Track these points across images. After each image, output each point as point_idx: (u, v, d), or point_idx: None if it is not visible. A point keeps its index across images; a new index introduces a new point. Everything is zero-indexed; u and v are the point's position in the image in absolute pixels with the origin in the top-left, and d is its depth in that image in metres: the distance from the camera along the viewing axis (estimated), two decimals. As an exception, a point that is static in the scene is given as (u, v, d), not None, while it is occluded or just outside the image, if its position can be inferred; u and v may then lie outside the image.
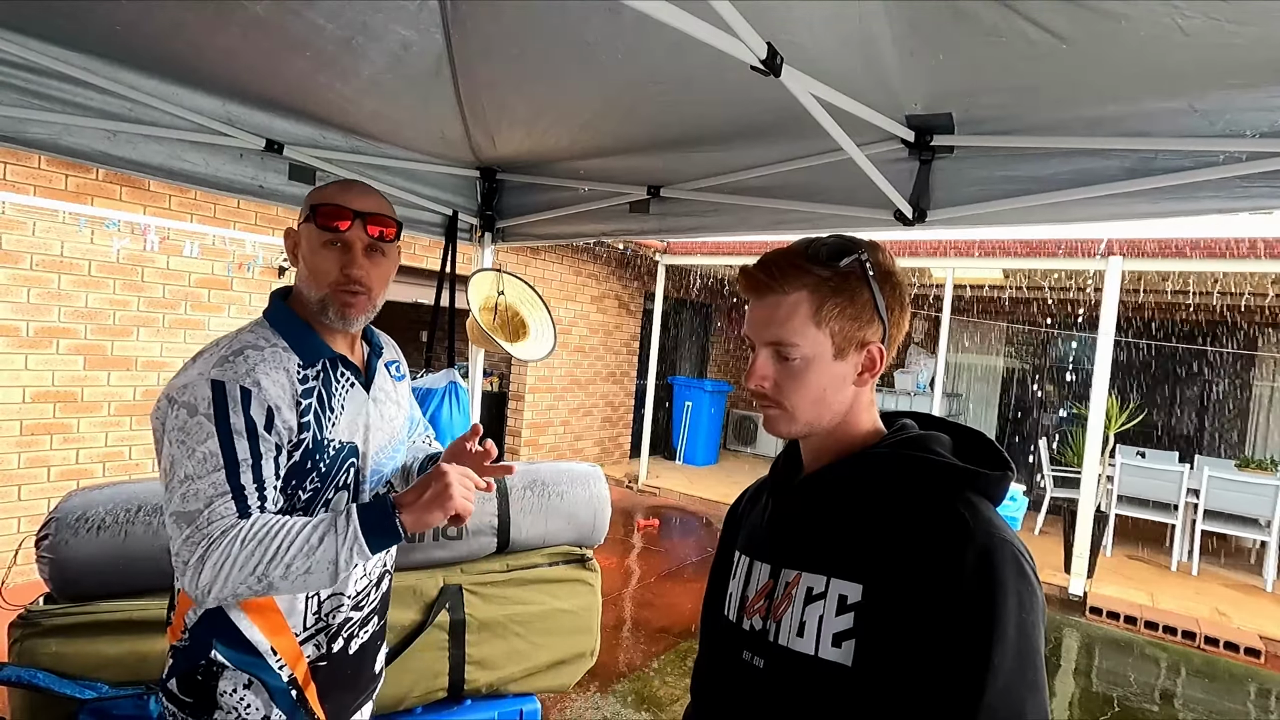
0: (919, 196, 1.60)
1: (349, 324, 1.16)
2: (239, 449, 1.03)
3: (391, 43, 1.40)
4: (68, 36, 1.43)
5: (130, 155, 1.68)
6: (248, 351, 1.08)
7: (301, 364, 1.13)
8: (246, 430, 1.03)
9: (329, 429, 1.14)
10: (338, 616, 1.22)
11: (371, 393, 1.24)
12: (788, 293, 0.82)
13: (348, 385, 1.19)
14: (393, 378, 1.34)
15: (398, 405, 1.33)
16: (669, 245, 7.62)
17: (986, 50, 1.14)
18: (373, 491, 1.27)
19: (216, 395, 1.03)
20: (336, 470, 1.17)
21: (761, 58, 1.02)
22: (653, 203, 2.12)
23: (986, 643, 0.69)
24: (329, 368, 1.16)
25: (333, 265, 1.13)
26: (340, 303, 1.14)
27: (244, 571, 0.99)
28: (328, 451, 1.14)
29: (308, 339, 1.15)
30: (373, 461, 1.24)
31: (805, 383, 0.83)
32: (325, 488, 1.16)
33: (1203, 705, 3.84)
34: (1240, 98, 1.17)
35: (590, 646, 2.11)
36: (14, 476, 3.78)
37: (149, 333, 4.22)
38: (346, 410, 1.18)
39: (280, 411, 1.07)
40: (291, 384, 1.10)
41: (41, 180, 3.71)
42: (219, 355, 1.08)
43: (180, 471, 1.02)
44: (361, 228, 1.13)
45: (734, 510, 1.07)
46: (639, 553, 5.74)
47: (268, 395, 1.05)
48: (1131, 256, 5.38)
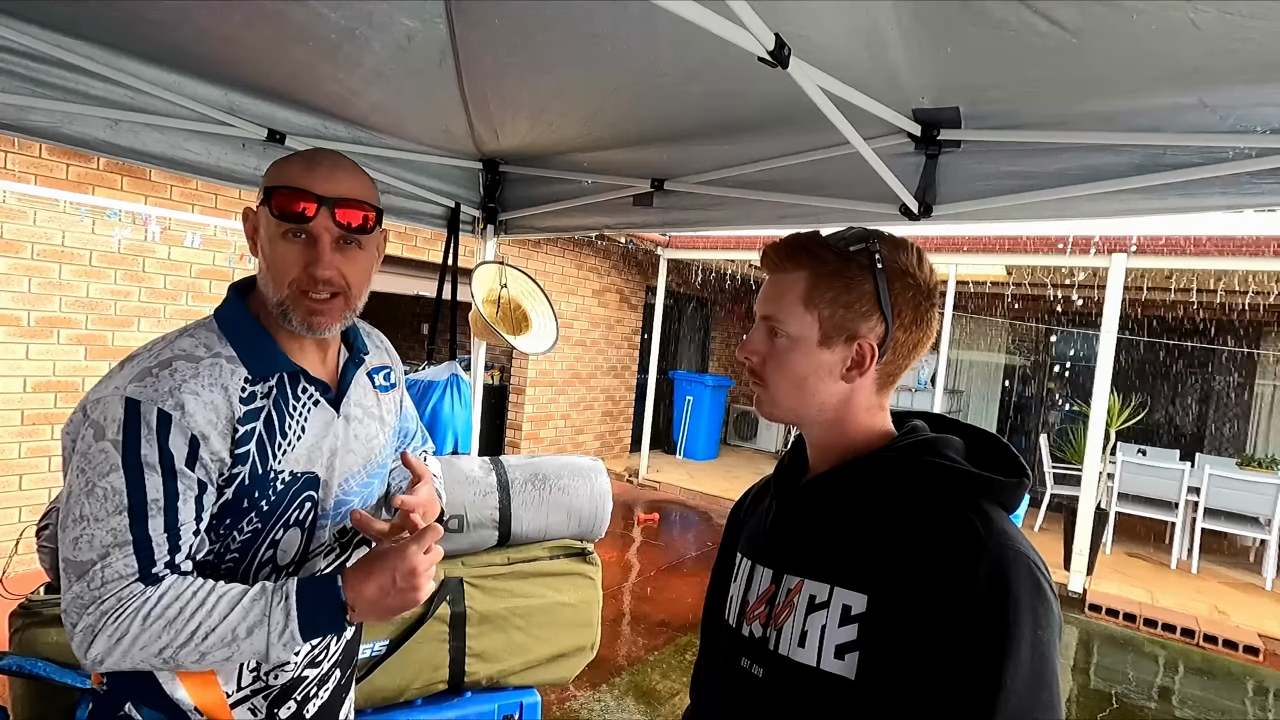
0: (925, 191, 1.59)
1: (318, 333, 0.97)
2: (148, 489, 0.84)
3: (395, 33, 1.39)
4: (70, 24, 1.42)
5: (132, 144, 1.67)
6: (178, 364, 0.89)
7: (249, 378, 0.93)
8: (161, 464, 0.85)
9: (277, 459, 0.95)
10: (280, 676, 1.02)
11: (343, 410, 1.04)
12: (790, 271, 0.82)
13: (309, 404, 0.99)
14: (377, 389, 1.13)
15: (380, 422, 1.12)
16: (671, 239, 7.60)
17: (995, 44, 1.13)
18: (335, 526, 1.07)
19: (129, 418, 0.84)
20: (286, 506, 0.97)
21: (769, 49, 1.01)
22: (656, 196, 2.11)
23: (998, 661, 0.66)
24: (286, 383, 0.97)
25: (294, 262, 0.92)
26: (304, 309, 0.94)
27: (146, 652, 0.82)
28: (273, 485, 0.95)
29: (261, 348, 0.95)
30: (338, 492, 1.04)
31: (787, 364, 0.81)
32: (271, 526, 0.97)
33: (1201, 703, 3.85)
34: (1252, 93, 1.16)
35: (591, 640, 2.11)
36: (15, 466, 3.79)
37: (150, 324, 4.21)
38: (307, 434, 0.98)
39: (208, 441, 0.88)
40: (229, 406, 0.90)
41: (43, 169, 3.70)
42: (142, 365, 0.88)
43: (76, 508, 0.84)
44: (329, 216, 0.91)
45: (737, 510, 1.04)
46: (639, 547, 5.75)
47: (192, 422, 0.86)
48: (1135, 254, 5.36)
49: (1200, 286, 6.62)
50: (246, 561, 0.98)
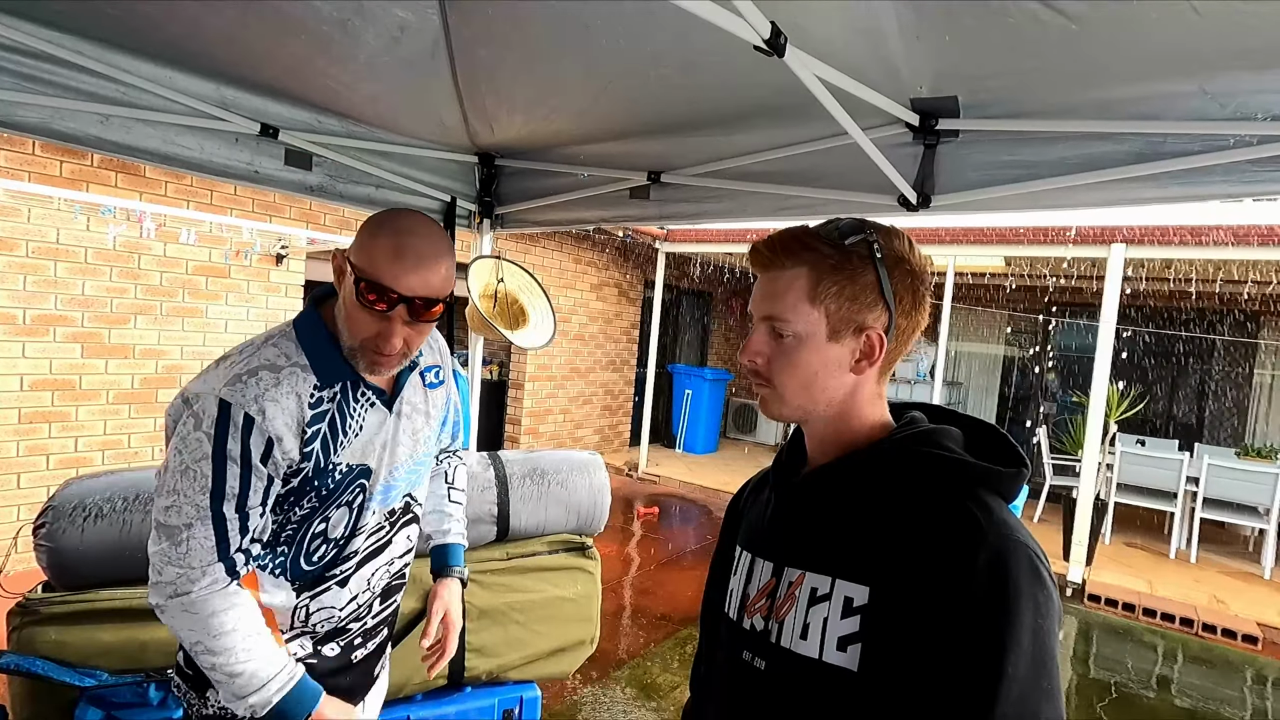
0: (923, 181, 1.58)
1: (377, 375, 1.14)
2: (229, 477, 1.03)
3: (388, 24, 1.38)
4: (59, 19, 1.41)
5: (124, 140, 1.66)
6: (263, 373, 1.06)
7: (318, 385, 1.10)
8: (241, 458, 1.03)
9: (338, 453, 1.12)
10: (325, 626, 1.22)
11: (395, 408, 1.20)
12: (788, 268, 0.80)
13: (367, 405, 1.16)
14: (426, 386, 1.29)
15: (426, 416, 1.28)
16: (669, 232, 7.58)
17: (994, 32, 1.12)
18: (384, 510, 1.24)
19: (220, 416, 1.03)
20: (340, 491, 1.15)
21: (765, 38, 1.00)
22: (653, 188, 2.09)
23: (1000, 650, 0.66)
24: (348, 389, 1.13)
25: (368, 327, 1.07)
26: (369, 360, 1.10)
27: (183, 634, 1.06)
28: (332, 475, 1.13)
29: (329, 359, 1.11)
30: (386, 478, 1.21)
31: (796, 362, 0.80)
32: (326, 507, 1.15)
33: (1200, 691, 3.87)
34: (1252, 80, 1.15)
35: (590, 634, 2.11)
36: (13, 464, 3.78)
37: (146, 320, 4.20)
38: (364, 432, 1.15)
39: (282, 442, 1.06)
40: (300, 410, 1.08)
41: (36, 166, 3.68)
42: (234, 371, 1.06)
43: (170, 480, 1.03)
44: (406, 310, 1.06)
45: (735, 502, 1.04)
46: (639, 540, 5.75)
47: (271, 426, 1.04)
48: (1134, 244, 5.35)
49: (1199, 276, 6.62)
50: (303, 531, 1.15)
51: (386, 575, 1.30)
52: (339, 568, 1.20)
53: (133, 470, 1.72)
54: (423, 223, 1.10)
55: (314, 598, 1.19)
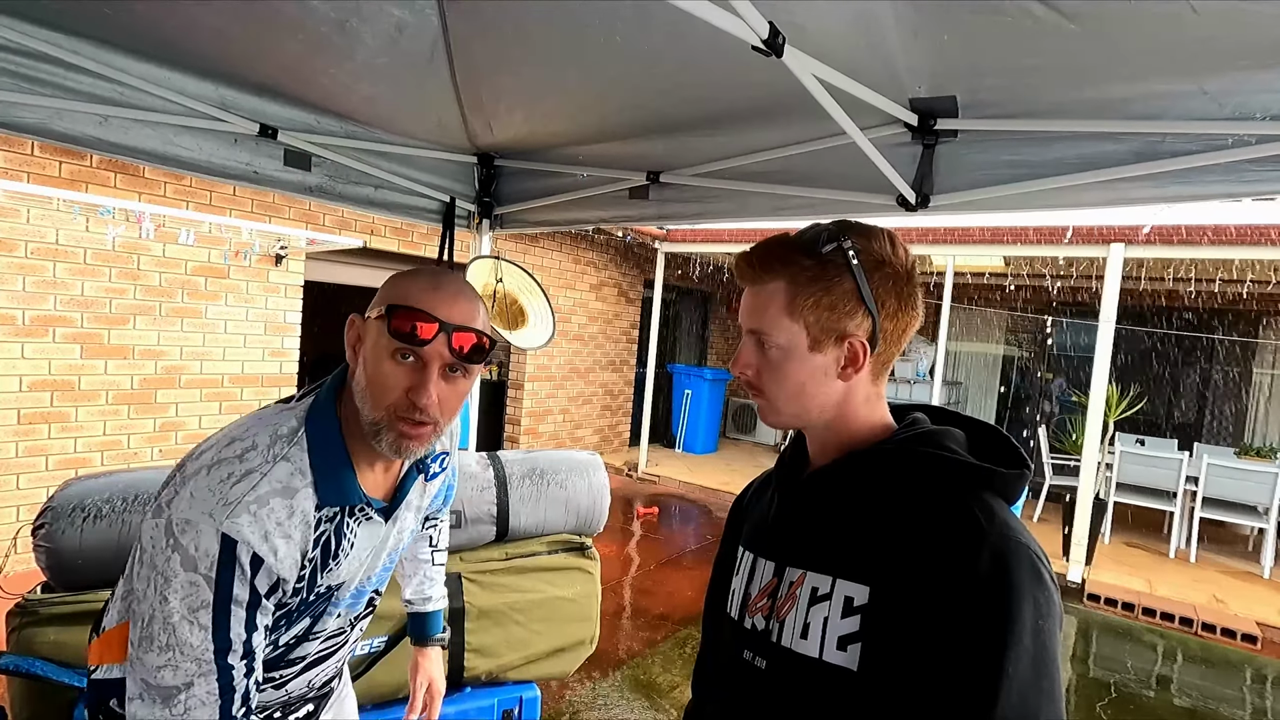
0: (922, 181, 1.58)
1: (403, 456, 0.95)
2: (234, 623, 0.86)
3: (386, 24, 1.38)
4: (57, 19, 1.40)
5: (122, 140, 1.65)
6: (274, 501, 0.88)
7: (318, 505, 0.93)
8: (248, 603, 0.87)
9: (323, 577, 0.97)
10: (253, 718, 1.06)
11: (393, 517, 1.05)
12: (767, 282, 0.81)
13: (363, 519, 1.00)
14: (426, 479, 1.12)
15: (417, 511, 1.15)
16: (668, 232, 7.58)
17: (992, 32, 1.11)
18: (349, 615, 1.10)
19: (224, 555, 0.84)
20: (308, 608, 1.00)
21: (763, 37, 1.00)
22: (652, 188, 2.09)
23: (1000, 650, 0.66)
24: (349, 510, 0.97)
25: (399, 383, 0.90)
26: (397, 433, 0.92)
27: None
28: (314, 592, 0.98)
29: (341, 480, 0.94)
30: (358, 585, 1.06)
31: (783, 374, 0.81)
32: (289, 624, 1.00)
33: (1199, 691, 3.87)
34: (1252, 79, 1.15)
35: (590, 634, 2.11)
36: (12, 465, 3.78)
37: (146, 321, 4.20)
38: (355, 550, 1.00)
39: (286, 582, 0.91)
40: (305, 542, 0.92)
41: (35, 167, 3.68)
42: (239, 495, 0.86)
43: (162, 635, 0.83)
44: (446, 342, 0.90)
45: (739, 503, 1.04)
46: (638, 540, 5.75)
47: (280, 567, 0.89)
48: (1133, 243, 5.35)
49: (1199, 276, 6.62)
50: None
51: (331, 672, 1.15)
52: (279, 671, 1.05)
53: (132, 471, 1.71)
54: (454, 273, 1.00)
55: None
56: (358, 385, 0.94)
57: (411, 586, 1.42)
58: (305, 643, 1.04)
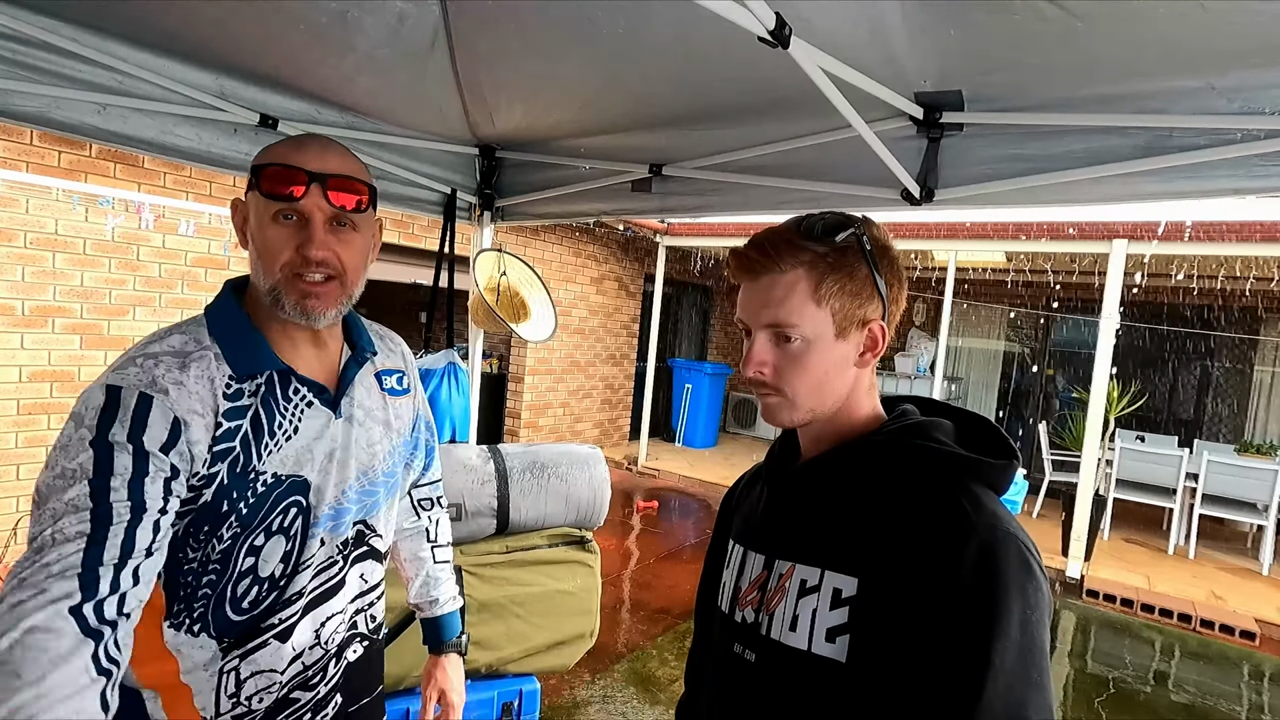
0: (927, 175, 1.57)
1: (313, 320, 0.92)
2: (117, 461, 0.78)
3: (387, 14, 1.37)
4: (55, 6, 1.39)
5: (121, 129, 1.64)
6: (164, 358, 0.86)
7: (233, 376, 0.90)
8: (131, 442, 0.79)
9: (261, 459, 0.90)
10: (266, 699, 0.98)
11: (343, 411, 1.00)
12: (784, 271, 0.78)
13: (302, 405, 0.95)
14: (385, 391, 1.08)
15: (385, 427, 1.07)
16: (669, 226, 7.56)
17: (999, 27, 1.10)
18: (334, 540, 1.01)
19: (108, 402, 0.81)
20: (268, 511, 0.92)
21: (770, 28, 0.99)
22: (654, 181, 2.08)
23: (987, 640, 0.66)
24: (275, 382, 0.93)
25: (286, 244, 0.89)
26: (298, 292, 0.90)
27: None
28: (253, 487, 0.90)
29: (247, 345, 0.92)
30: (333, 500, 0.98)
31: (806, 366, 0.79)
32: (251, 532, 0.91)
33: (1197, 687, 3.87)
34: (1261, 75, 1.14)
35: (590, 627, 2.11)
36: (12, 456, 3.78)
37: (145, 312, 4.19)
38: (299, 436, 0.94)
39: (189, 428, 0.84)
40: (214, 399, 0.87)
41: (34, 156, 3.66)
42: (128, 357, 0.86)
43: (42, 502, 0.76)
44: (321, 194, 0.89)
45: (729, 497, 1.04)
46: (638, 534, 5.76)
47: (175, 406, 0.83)
48: (1136, 239, 5.34)
49: (1201, 272, 6.60)
50: (227, 574, 0.92)
51: (343, 626, 1.05)
52: (278, 614, 0.96)
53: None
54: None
55: (245, 657, 0.95)
56: (252, 261, 0.93)
57: (414, 589, 1.32)
58: (297, 575, 0.97)
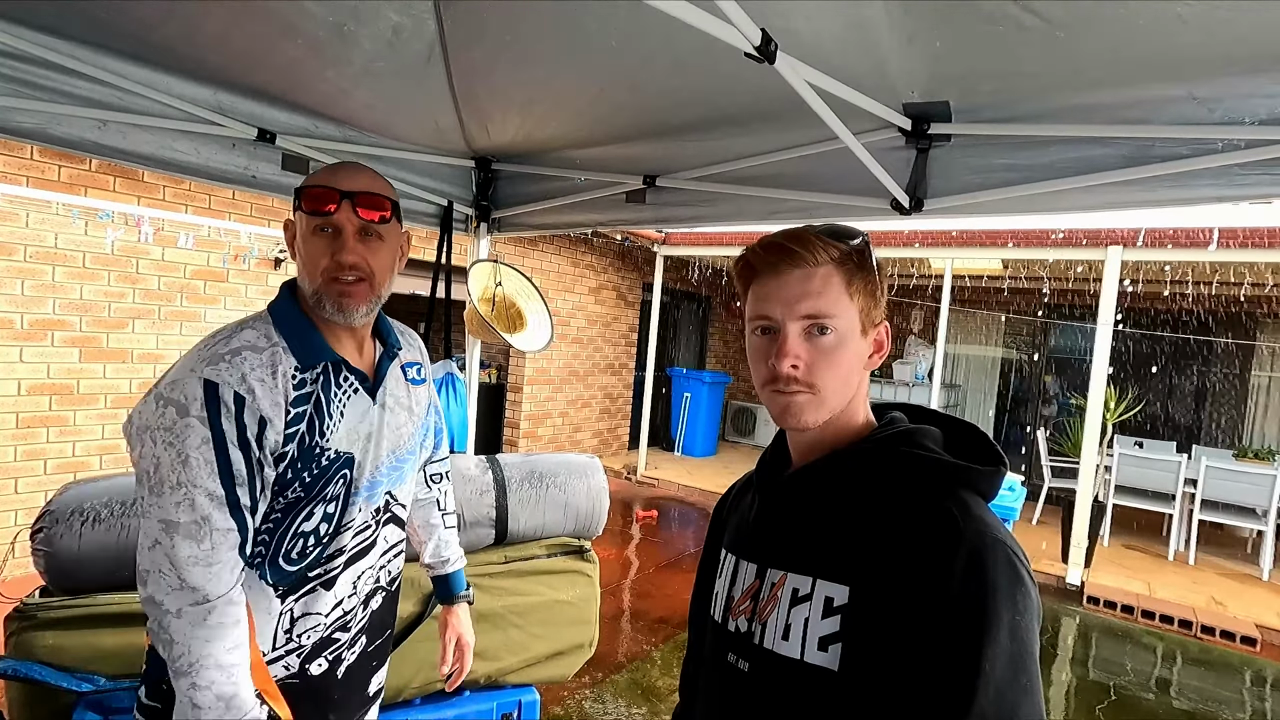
0: (916, 185, 1.59)
1: (348, 317, 1.09)
2: (234, 460, 0.98)
3: (382, 28, 1.39)
4: (54, 23, 1.41)
5: (121, 145, 1.67)
6: (246, 353, 1.02)
7: (299, 367, 1.07)
8: (239, 441, 0.99)
9: (325, 436, 1.08)
10: (313, 637, 1.15)
11: (379, 399, 1.17)
12: (820, 263, 0.77)
13: (350, 391, 1.12)
14: (409, 381, 1.27)
15: (409, 412, 1.25)
16: (667, 236, 7.59)
17: (984, 38, 1.13)
18: (370, 507, 1.20)
19: (209, 398, 0.97)
20: (325, 481, 1.10)
21: (755, 44, 1.01)
22: (649, 192, 2.10)
23: (977, 647, 0.66)
24: (330, 372, 1.10)
25: (323, 252, 1.06)
26: (335, 293, 1.07)
27: (185, 649, 0.95)
28: (318, 461, 1.08)
29: (308, 339, 1.09)
30: (370, 474, 1.17)
31: (837, 360, 0.78)
32: (311, 498, 1.09)
33: (1198, 693, 3.86)
34: (1240, 85, 1.16)
35: (589, 637, 2.11)
36: (11, 469, 3.78)
37: (145, 325, 4.20)
38: (346, 418, 1.11)
39: (272, 424, 1.02)
40: (285, 391, 1.04)
41: (34, 171, 3.69)
42: (214, 351, 1.01)
43: (171, 474, 0.96)
44: (351, 209, 1.06)
45: (721, 506, 1.04)
46: (637, 543, 5.75)
47: (261, 405, 1.00)
48: (1131, 247, 5.36)
49: (1197, 279, 6.63)
50: (285, 526, 1.09)
51: (371, 579, 1.25)
52: (324, 567, 1.15)
53: (130, 475, 1.72)
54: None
55: (299, 601, 1.13)
56: (299, 270, 1.11)
57: (429, 551, 1.51)
58: (340, 534, 1.14)
